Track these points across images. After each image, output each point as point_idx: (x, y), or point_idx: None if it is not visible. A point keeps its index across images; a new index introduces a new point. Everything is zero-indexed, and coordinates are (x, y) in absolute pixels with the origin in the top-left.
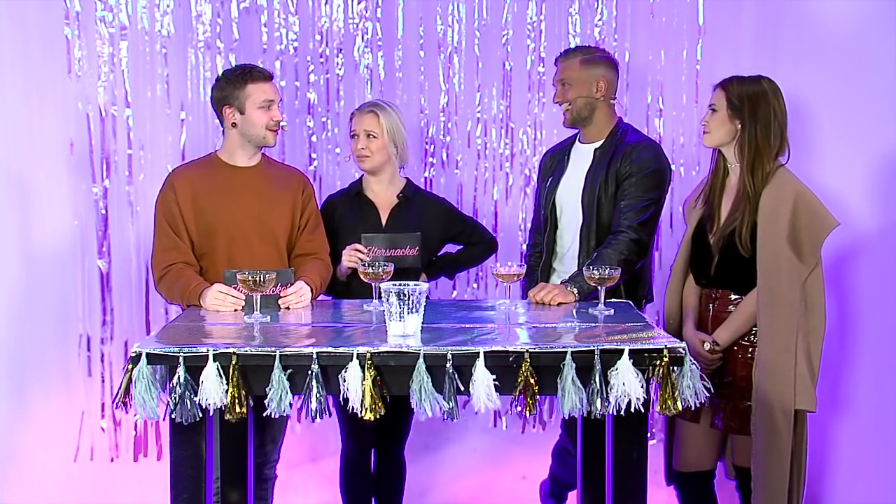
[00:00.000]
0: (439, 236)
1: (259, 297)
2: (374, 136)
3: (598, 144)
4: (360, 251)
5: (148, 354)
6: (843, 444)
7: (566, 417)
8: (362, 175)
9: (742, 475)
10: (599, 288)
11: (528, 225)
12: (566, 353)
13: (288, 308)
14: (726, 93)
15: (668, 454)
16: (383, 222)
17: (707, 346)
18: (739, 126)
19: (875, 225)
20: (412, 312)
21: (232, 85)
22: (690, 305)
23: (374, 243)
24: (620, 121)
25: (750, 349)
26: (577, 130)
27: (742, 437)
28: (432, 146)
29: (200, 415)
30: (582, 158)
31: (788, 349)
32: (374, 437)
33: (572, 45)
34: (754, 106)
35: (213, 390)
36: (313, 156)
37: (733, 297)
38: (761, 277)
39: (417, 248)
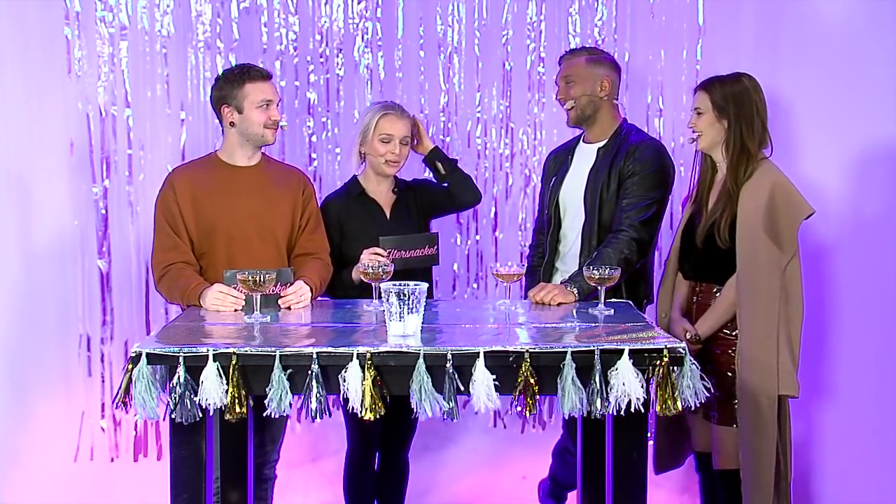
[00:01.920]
0: (433, 210)
1: (259, 297)
2: (406, 143)
3: (601, 144)
4: (380, 254)
5: (148, 354)
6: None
7: (566, 417)
8: (355, 175)
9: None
10: (599, 288)
11: (529, 225)
12: (566, 353)
13: (288, 308)
14: (709, 95)
15: (657, 448)
16: (388, 219)
17: (688, 335)
18: (726, 125)
19: (874, 223)
20: (412, 312)
21: (230, 84)
22: (680, 295)
23: (394, 245)
24: (625, 121)
25: (734, 346)
26: (580, 131)
27: (725, 431)
28: None
29: (200, 415)
30: (585, 158)
31: (770, 336)
32: (380, 439)
33: (572, 46)
34: (739, 104)
35: (213, 390)
36: (313, 156)
37: (715, 290)
38: (741, 268)
39: (436, 247)
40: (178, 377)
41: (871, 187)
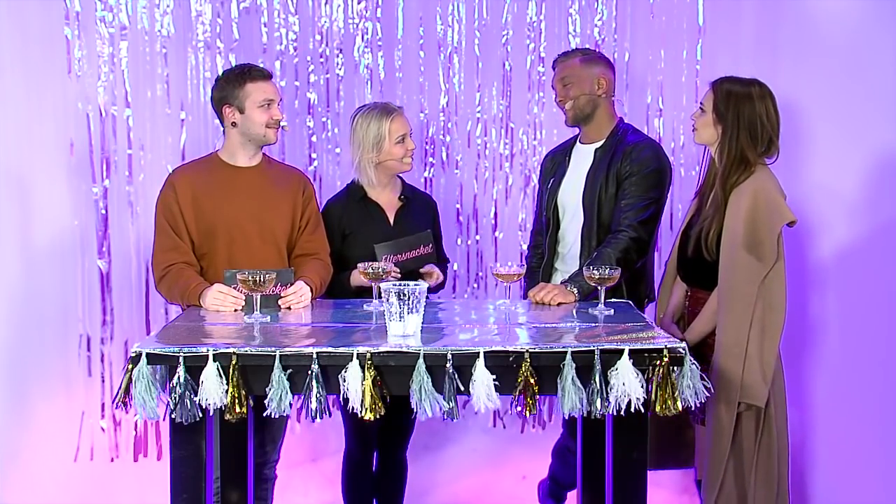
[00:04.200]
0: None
1: (259, 297)
2: (411, 133)
3: (598, 144)
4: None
5: (148, 354)
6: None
7: (566, 417)
8: (354, 179)
9: None
10: (599, 288)
11: (529, 225)
12: (566, 353)
13: (289, 308)
14: (714, 95)
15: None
16: (391, 223)
17: None
18: (720, 130)
19: (874, 223)
20: (412, 312)
21: (231, 84)
22: (675, 299)
23: (389, 251)
24: (621, 121)
25: None
26: (577, 131)
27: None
28: (432, 146)
29: (200, 415)
30: (583, 159)
31: (739, 344)
32: (378, 438)
33: (572, 46)
34: (738, 111)
35: (213, 390)
36: (313, 156)
37: (700, 296)
38: (721, 278)
39: (431, 245)
40: (178, 377)
41: (872, 190)
